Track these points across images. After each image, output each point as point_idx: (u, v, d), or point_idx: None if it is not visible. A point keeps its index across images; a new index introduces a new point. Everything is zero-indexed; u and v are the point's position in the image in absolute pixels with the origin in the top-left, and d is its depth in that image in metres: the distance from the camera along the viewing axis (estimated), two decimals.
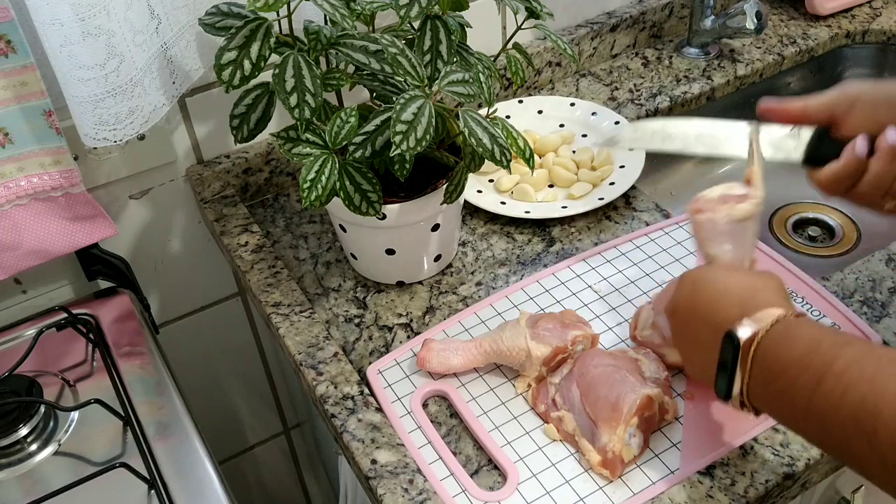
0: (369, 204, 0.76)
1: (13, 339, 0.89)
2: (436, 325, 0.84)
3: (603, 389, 0.71)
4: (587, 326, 0.79)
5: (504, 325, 0.79)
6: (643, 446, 0.71)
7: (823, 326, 0.59)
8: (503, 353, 0.76)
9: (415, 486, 0.70)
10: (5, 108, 0.80)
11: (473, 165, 0.80)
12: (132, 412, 0.80)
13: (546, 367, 0.76)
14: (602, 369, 0.73)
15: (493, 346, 0.77)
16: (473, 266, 0.91)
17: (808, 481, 0.72)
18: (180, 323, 1.09)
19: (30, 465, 0.77)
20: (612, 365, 0.73)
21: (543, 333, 0.76)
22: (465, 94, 0.73)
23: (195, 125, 0.97)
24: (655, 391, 0.71)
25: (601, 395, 0.71)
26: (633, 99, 1.14)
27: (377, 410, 0.75)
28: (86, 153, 0.89)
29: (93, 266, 0.95)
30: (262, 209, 1.01)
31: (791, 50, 1.22)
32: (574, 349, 0.77)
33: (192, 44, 0.88)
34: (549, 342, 0.76)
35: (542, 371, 0.76)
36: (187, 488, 0.73)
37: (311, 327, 0.83)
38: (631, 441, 0.70)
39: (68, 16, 0.72)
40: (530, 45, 1.14)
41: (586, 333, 0.78)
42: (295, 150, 0.75)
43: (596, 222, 0.96)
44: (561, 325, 0.78)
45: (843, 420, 0.52)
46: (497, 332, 0.78)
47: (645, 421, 0.70)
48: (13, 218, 0.85)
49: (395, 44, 0.72)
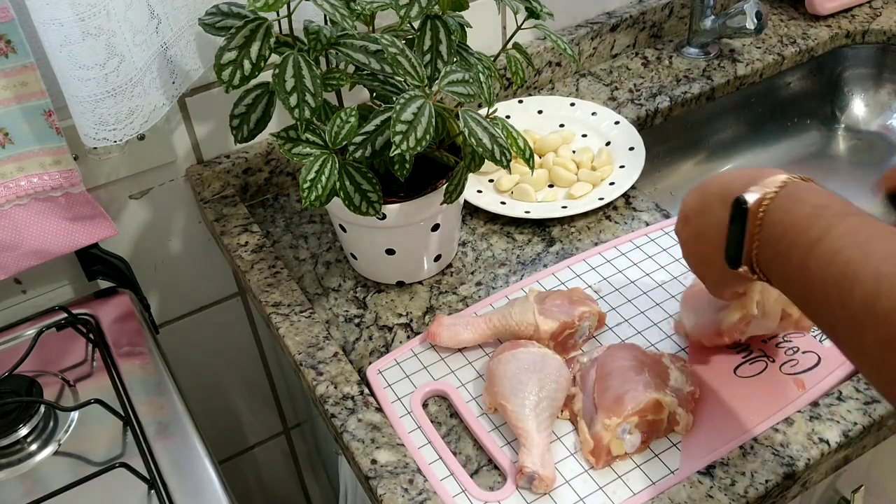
0: (369, 204, 0.76)
1: (13, 339, 0.89)
2: None
3: (616, 381, 0.72)
4: (594, 304, 0.81)
5: (513, 302, 0.81)
6: (640, 447, 0.71)
7: (832, 193, 0.59)
8: (512, 328, 0.79)
9: (415, 486, 0.70)
10: (5, 107, 0.80)
11: (473, 165, 0.80)
12: (132, 412, 0.80)
13: (553, 342, 0.78)
14: (625, 363, 0.73)
15: (502, 322, 0.79)
16: (473, 266, 0.92)
17: (808, 481, 0.72)
18: (180, 323, 1.09)
19: (30, 465, 0.77)
20: (636, 362, 0.73)
21: (551, 309, 0.79)
22: (465, 94, 0.73)
23: (195, 125, 0.97)
24: (668, 398, 0.70)
25: (612, 385, 0.72)
26: (633, 99, 1.14)
27: (377, 410, 0.75)
28: (86, 153, 0.89)
29: (93, 266, 0.95)
30: (262, 209, 1.01)
31: (791, 50, 1.22)
32: (580, 325, 0.79)
33: (192, 44, 0.88)
34: (557, 317, 0.78)
35: (550, 346, 0.78)
36: (187, 488, 0.73)
37: (311, 327, 0.83)
38: (625, 437, 0.70)
39: (68, 16, 0.72)
40: (530, 45, 1.14)
41: (593, 310, 0.80)
42: (295, 150, 0.75)
43: (596, 222, 0.96)
44: (569, 301, 0.80)
45: (826, 281, 0.53)
46: (506, 308, 0.80)
47: (647, 423, 0.70)
48: (13, 218, 0.85)
49: (395, 44, 0.72)
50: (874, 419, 0.72)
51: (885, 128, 1.28)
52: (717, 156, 1.24)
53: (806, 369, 0.76)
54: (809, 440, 0.71)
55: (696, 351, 0.79)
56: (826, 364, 0.76)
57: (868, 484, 0.86)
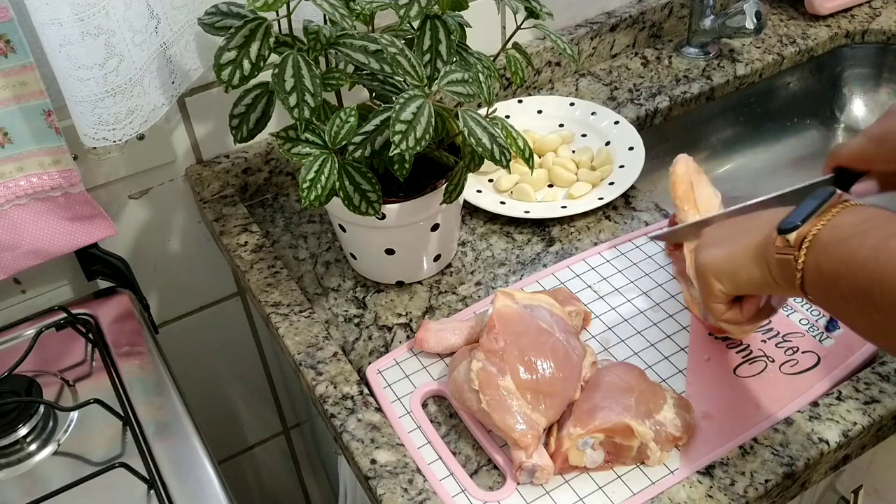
0: (369, 204, 0.76)
1: (13, 339, 0.89)
2: None
3: (599, 396, 0.72)
4: (579, 303, 0.81)
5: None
6: (603, 465, 0.70)
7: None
8: None
9: (414, 486, 0.69)
10: (5, 107, 0.79)
11: (473, 165, 0.80)
12: (132, 412, 0.80)
13: None
14: (617, 382, 0.73)
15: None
16: (473, 266, 0.91)
17: (808, 481, 0.72)
18: (180, 323, 1.09)
19: (29, 465, 0.77)
20: (630, 385, 0.72)
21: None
22: (465, 94, 0.73)
23: (194, 125, 0.96)
24: (643, 429, 0.69)
25: (593, 398, 0.71)
26: (632, 99, 1.14)
27: (377, 410, 0.75)
28: (85, 153, 0.89)
29: (92, 266, 0.95)
30: (262, 209, 1.01)
31: (790, 50, 1.22)
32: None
33: (192, 43, 0.88)
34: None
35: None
36: (187, 488, 0.73)
37: (311, 327, 0.83)
38: (586, 449, 0.69)
39: (67, 15, 0.72)
40: (530, 44, 1.14)
41: (579, 309, 0.80)
42: (294, 150, 0.75)
43: (595, 222, 0.96)
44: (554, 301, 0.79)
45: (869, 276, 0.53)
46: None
47: (612, 444, 0.69)
48: (12, 218, 0.85)
49: (394, 43, 0.72)
50: (874, 419, 0.72)
51: None
52: (716, 155, 1.24)
53: (806, 369, 0.76)
54: (809, 440, 0.71)
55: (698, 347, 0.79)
56: (826, 364, 0.76)
57: (868, 484, 0.86)
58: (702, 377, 0.77)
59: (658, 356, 0.80)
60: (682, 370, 0.78)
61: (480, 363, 0.71)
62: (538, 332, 0.73)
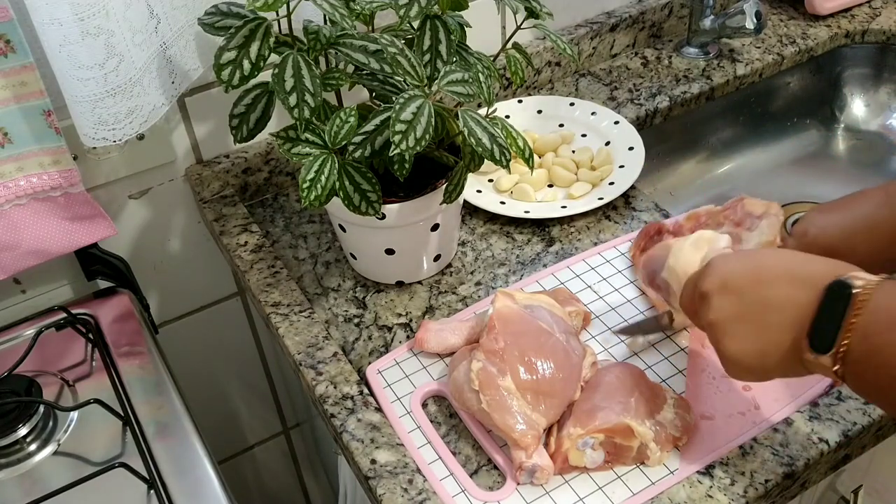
0: (369, 204, 0.76)
1: (12, 339, 0.89)
2: None
3: (599, 396, 0.72)
4: (579, 303, 0.81)
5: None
6: (603, 466, 0.70)
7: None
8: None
9: (414, 486, 0.69)
10: (5, 107, 0.79)
11: (473, 165, 0.80)
12: (131, 412, 0.80)
13: None
14: (617, 382, 0.73)
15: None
16: (473, 266, 0.91)
17: (808, 481, 0.72)
18: (180, 323, 1.09)
19: (29, 465, 0.77)
20: (630, 385, 0.72)
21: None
22: (465, 94, 0.73)
23: (194, 125, 0.96)
24: (644, 429, 0.69)
25: (593, 398, 0.72)
26: (632, 99, 1.14)
27: (376, 410, 0.75)
28: (85, 153, 0.89)
29: (92, 266, 0.95)
30: (262, 209, 1.01)
31: (790, 50, 1.22)
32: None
33: (192, 43, 0.88)
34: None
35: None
36: (187, 488, 0.73)
37: (311, 327, 0.83)
38: (586, 450, 0.69)
39: (67, 15, 0.72)
40: (530, 44, 1.14)
41: (579, 309, 0.80)
42: (294, 150, 0.75)
43: (595, 222, 0.96)
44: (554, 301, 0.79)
45: None
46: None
47: (612, 445, 0.69)
48: (12, 218, 0.85)
49: (394, 43, 0.72)
50: (874, 419, 0.72)
51: (884, 128, 1.28)
52: (716, 155, 1.25)
53: None
54: (809, 440, 0.71)
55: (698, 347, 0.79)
56: None
57: (868, 484, 0.86)
58: (702, 377, 0.77)
59: (658, 356, 0.80)
60: (681, 370, 0.78)
61: (480, 363, 0.71)
62: (538, 333, 0.73)
